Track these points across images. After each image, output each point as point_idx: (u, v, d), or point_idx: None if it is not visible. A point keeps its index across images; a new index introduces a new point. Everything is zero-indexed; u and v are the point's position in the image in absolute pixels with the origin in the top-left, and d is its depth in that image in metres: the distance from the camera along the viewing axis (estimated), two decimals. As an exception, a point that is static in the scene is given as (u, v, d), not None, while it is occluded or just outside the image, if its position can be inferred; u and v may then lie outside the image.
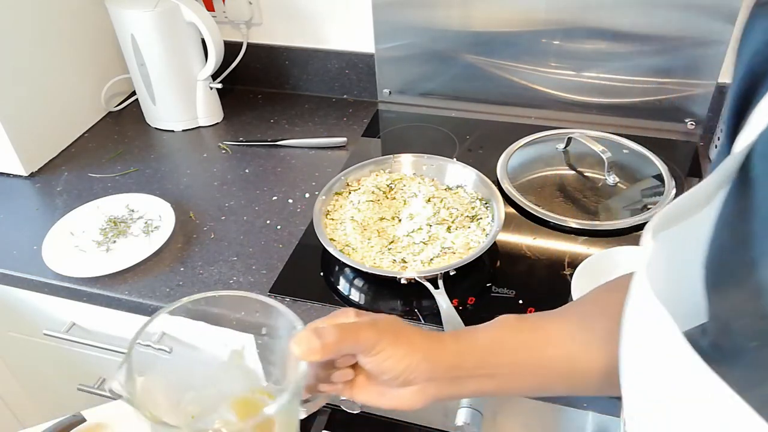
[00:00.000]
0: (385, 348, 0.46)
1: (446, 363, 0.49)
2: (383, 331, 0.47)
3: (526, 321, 0.54)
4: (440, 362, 0.49)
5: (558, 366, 0.51)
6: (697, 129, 1.13)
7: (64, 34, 1.16)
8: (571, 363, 0.51)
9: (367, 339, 0.46)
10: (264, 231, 0.97)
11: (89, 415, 0.79)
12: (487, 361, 0.50)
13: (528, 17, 1.10)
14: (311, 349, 0.44)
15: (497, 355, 0.51)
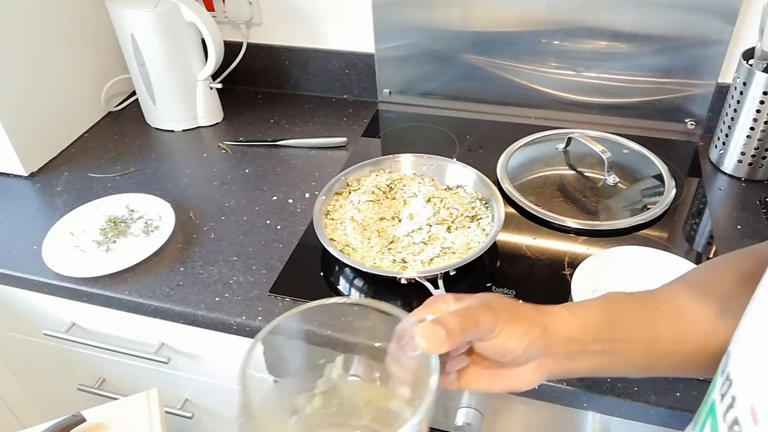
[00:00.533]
0: (504, 329, 0.45)
1: (565, 336, 0.47)
2: (499, 311, 0.45)
3: (636, 297, 0.52)
4: (559, 335, 0.47)
5: (669, 343, 0.50)
6: (697, 129, 1.13)
7: (64, 34, 1.16)
8: (682, 340, 0.50)
9: (486, 323, 0.44)
10: (264, 231, 0.97)
11: (89, 415, 0.79)
12: (603, 335, 0.49)
13: (528, 17, 1.10)
14: (439, 340, 0.41)
15: (613, 330, 0.49)
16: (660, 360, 0.52)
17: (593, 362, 0.49)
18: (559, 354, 0.48)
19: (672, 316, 0.51)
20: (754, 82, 0.94)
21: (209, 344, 0.93)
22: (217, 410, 1.07)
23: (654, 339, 0.50)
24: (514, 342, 0.45)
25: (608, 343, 0.49)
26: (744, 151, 1.00)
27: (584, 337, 0.48)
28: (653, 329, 0.50)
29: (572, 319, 0.48)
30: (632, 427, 0.75)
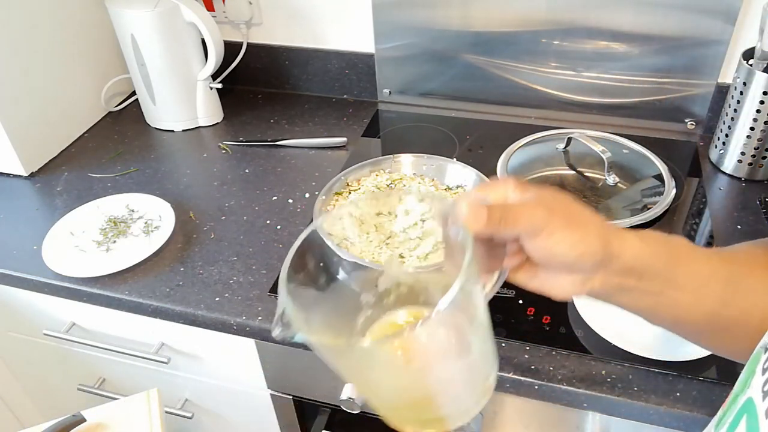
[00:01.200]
0: (555, 232, 0.40)
1: (625, 264, 0.43)
2: (553, 213, 0.41)
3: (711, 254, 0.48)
4: (622, 260, 0.43)
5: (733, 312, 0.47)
6: (697, 129, 1.13)
7: (64, 34, 1.16)
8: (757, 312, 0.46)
9: (534, 220, 0.40)
10: (264, 231, 0.97)
11: (89, 415, 0.79)
12: (662, 274, 0.44)
13: (528, 17, 1.10)
14: (477, 216, 0.39)
15: (674, 273, 0.45)
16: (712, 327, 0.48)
17: (641, 302, 0.46)
18: (612, 280, 0.44)
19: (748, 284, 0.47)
20: (754, 82, 0.94)
21: (209, 344, 0.93)
22: (217, 410, 1.07)
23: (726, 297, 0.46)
24: (564, 248, 0.41)
25: (669, 287, 0.45)
26: (744, 151, 1.00)
27: (647, 270, 0.44)
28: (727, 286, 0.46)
29: (637, 248, 0.44)
30: (632, 427, 0.75)
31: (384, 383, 0.43)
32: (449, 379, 0.42)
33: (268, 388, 0.96)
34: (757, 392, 0.39)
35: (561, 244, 0.41)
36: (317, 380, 0.91)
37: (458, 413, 0.45)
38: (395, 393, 0.43)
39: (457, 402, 0.44)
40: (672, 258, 0.45)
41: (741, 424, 0.39)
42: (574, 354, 0.75)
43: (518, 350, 0.76)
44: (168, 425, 0.92)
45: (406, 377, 0.41)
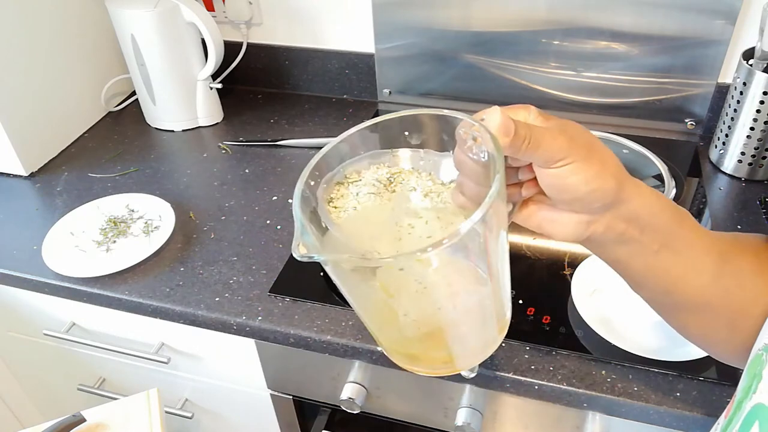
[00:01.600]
0: (572, 161, 0.39)
1: (633, 211, 0.42)
2: (575, 143, 0.39)
3: (707, 231, 0.48)
4: (630, 206, 0.42)
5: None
6: (697, 129, 1.13)
7: (64, 34, 1.16)
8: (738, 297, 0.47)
9: (556, 147, 0.39)
10: (264, 231, 0.97)
11: (89, 415, 0.79)
12: (663, 234, 0.44)
13: (528, 17, 1.10)
14: (506, 129, 0.37)
15: (674, 236, 0.44)
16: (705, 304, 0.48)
17: (637, 259, 0.45)
18: (616, 226, 0.43)
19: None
20: (754, 82, 0.94)
21: (209, 344, 0.93)
22: (217, 410, 1.07)
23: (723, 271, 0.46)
24: (578, 179, 0.39)
25: (669, 239, 0.44)
26: (744, 151, 1.00)
27: (650, 224, 0.43)
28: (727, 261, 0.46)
29: (648, 198, 0.43)
30: (632, 427, 0.75)
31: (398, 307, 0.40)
32: (464, 309, 0.40)
33: (268, 388, 0.96)
34: (766, 397, 0.38)
35: (577, 175, 0.39)
36: (317, 380, 0.91)
37: (467, 353, 0.43)
38: (407, 320, 0.41)
39: (468, 339, 0.42)
40: (675, 220, 0.45)
41: (753, 431, 0.39)
42: (574, 354, 0.75)
43: (518, 350, 0.76)
44: (168, 425, 0.92)
45: (422, 301, 0.39)
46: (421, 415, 0.89)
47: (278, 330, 0.81)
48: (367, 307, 0.42)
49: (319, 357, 0.84)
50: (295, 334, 0.81)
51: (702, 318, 0.49)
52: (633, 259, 0.45)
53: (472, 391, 0.82)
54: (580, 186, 0.40)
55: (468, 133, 0.39)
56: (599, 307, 0.79)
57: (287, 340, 0.82)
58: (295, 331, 0.81)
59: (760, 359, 0.40)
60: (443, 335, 0.41)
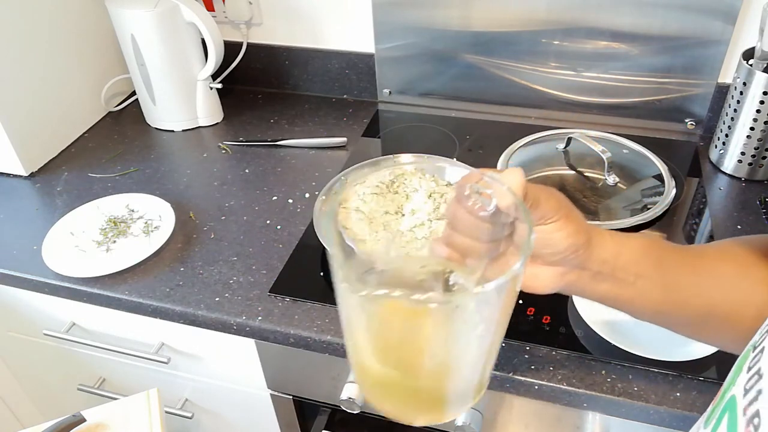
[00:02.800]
0: (558, 220, 0.45)
1: (601, 257, 0.48)
2: (560, 203, 0.46)
3: (685, 253, 0.53)
4: (596, 254, 0.48)
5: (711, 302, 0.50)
6: (697, 129, 1.13)
7: (64, 34, 1.16)
8: (727, 303, 0.50)
9: (550, 207, 0.45)
10: (264, 231, 0.97)
11: (89, 415, 0.79)
12: (633, 266, 0.49)
13: (528, 17, 1.10)
14: (523, 187, 0.42)
15: (644, 264, 0.50)
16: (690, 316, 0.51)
17: (616, 289, 0.50)
18: (588, 270, 0.48)
19: (720, 277, 0.50)
20: (754, 82, 0.94)
21: (209, 344, 0.93)
22: (217, 410, 1.07)
23: (694, 290, 0.50)
24: (560, 236, 0.45)
25: (636, 276, 0.49)
26: (744, 151, 1.00)
27: (618, 262, 0.48)
28: (697, 279, 0.50)
29: (611, 243, 0.49)
30: (632, 427, 0.75)
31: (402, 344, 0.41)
32: (466, 355, 0.42)
33: (268, 388, 0.96)
34: (739, 389, 0.39)
35: (560, 231, 0.45)
36: (317, 380, 0.91)
37: (457, 398, 0.44)
38: (408, 356, 0.41)
39: (461, 384, 0.43)
40: (640, 252, 0.50)
41: (723, 422, 0.40)
42: (574, 354, 0.75)
43: (518, 350, 0.76)
44: (168, 425, 0.92)
45: (433, 343, 0.40)
46: (421, 415, 0.89)
47: (278, 330, 0.81)
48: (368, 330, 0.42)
49: (319, 357, 0.84)
50: (295, 334, 0.81)
51: (702, 328, 0.52)
52: (616, 293, 0.50)
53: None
54: (562, 240, 0.46)
55: (474, 187, 0.41)
56: (599, 307, 0.79)
57: (287, 340, 0.82)
58: (295, 331, 0.81)
59: (748, 354, 0.42)
60: (435, 375, 0.42)
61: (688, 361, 0.71)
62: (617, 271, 0.49)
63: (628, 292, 0.50)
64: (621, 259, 0.49)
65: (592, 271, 0.48)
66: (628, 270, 0.49)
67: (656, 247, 0.51)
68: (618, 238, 0.50)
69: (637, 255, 0.50)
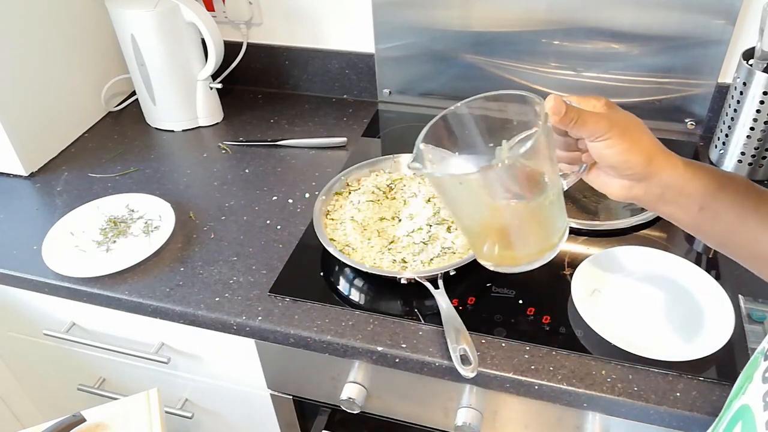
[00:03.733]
0: (609, 138, 0.51)
1: (665, 181, 0.52)
2: (615, 124, 0.51)
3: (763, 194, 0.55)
4: (661, 176, 0.52)
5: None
6: (697, 129, 1.13)
7: (64, 34, 1.16)
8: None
9: (597, 127, 0.51)
10: (264, 231, 0.97)
11: (89, 415, 0.79)
12: (700, 198, 0.53)
13: (528, 17, 1.10)
14: (558, 107, 0.51)
15: (714, 199, 0.53)
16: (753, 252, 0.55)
17: (683, 217, 0.54)
18: (652, 191, 0.53)
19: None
20: (754, 82, 0.94)
21: (209, 344, 0.93)
22: (217, 410, 1.07)
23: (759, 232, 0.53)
24: (611, 153, 0.51)
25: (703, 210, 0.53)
26: (744, 151, 1.00)
27: (682, 189, 0.53)
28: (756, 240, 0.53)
29: (682, 170, 0.52)
30: (632, 427, 0.75)
31: (473, 213, 0.57)
32: (522, 216, 0.55)
33: (268, 388, 0.96)
34: (755, 400, 0.39)
35: (610, 149, 0.51)
36: (317, 380, 0.91)
37: (525, 255, 0.58)
38: (479, 223, 0.57)
39: (526, 243, 0.58)
40: (713, 186, 0.53)
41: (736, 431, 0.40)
42: (574, 354, 0.75)
43: (518, 350, 0.76)
44: (168, 425, 0.92)
45: (487, 209, 0.55)
46: (421, 415, 0.89)
47: (278, 330, 0.81)
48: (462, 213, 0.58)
49: (319, 357, 0.84)
50: (295, 334, 0.81)
51: (764, 267, 0.55)
52: (680, 216, 0.55)
53: (472, 391, 0.82)
54: (613, 156, 0.52)
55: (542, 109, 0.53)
56: (599, 307, 0.79)
57: (287, 340, 0.82)
58: (295, 331, 0.81)
59: (757, 362, 0.41)
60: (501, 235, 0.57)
61: (688, 361, 0.71)
62: (682, 197, 0.53)
63: (691, 219, 0.54)
64: (688, 188, 0.52)
65: (656, 191, 0.53)
66: (694, 199, 0.53)
67: (734, 186, 0.54)
68: (693, 167, 0.53)
69: (710, 188, 0.53)
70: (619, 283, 0.83)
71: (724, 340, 0.72)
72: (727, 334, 0.73)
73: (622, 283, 0.83)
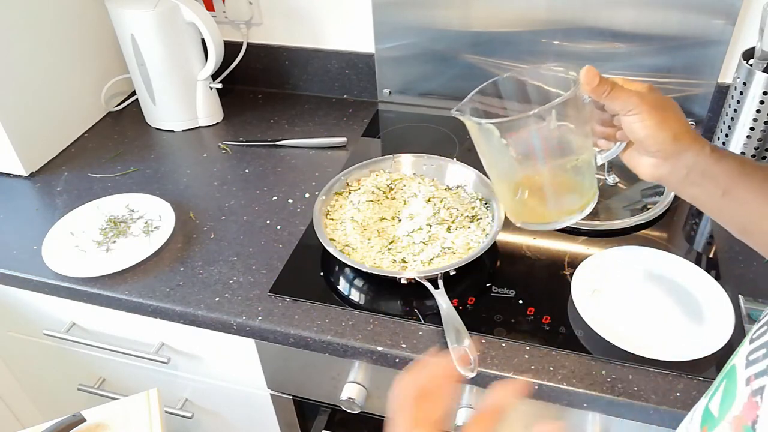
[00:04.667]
0: (638, 113, 0.53)
1: (690, 161, 0.54)
2: (644, 99, 0.53)
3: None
4: (688, 156, 0.53)
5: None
6: (697, 129, 1.13)
7: (64, 35, 1.16)
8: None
9: (628, 101, 0.53)
10: (264, 231, 0.97)
11: (89, 415, 0.79)
12: (725, 181, 0.54)
13: (528, 17, 1.10)
14: (591, 76, 0.53)
15: (738, 183, 0.54)
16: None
17: (707, 200, 0.56)
18: (678, 171, 0.54)
19: None
20: (754, 82, 0.94)
21: (209, 344, 0.94)
22: (217, 410, 1.07)
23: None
24: (639, 126, 0.53)
25: (726, 194, 0.54)
26: (744, 151, 1.00)
27: (707, 170, 0.54)
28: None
29: (708, 151, 0.54)
30: (632, 427, 0.75)
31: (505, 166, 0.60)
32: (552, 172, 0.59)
33: (268, 388, 0.96)
34: (741, 359, 0.40)
35: (639, 123, 0.53)
36: (317, 380, 0.91)
37: (556, 213, 0.61)
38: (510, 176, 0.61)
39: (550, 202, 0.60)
40: (736, 171, 0.54)
41: (720, 389, 0.41)
42: (574, 354, 0.75)
43: (518, 350, 0.76)
44: (168, 425, 0.92)
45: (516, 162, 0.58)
46: (421, 415, 0.89)
47: (278, 330, 0.81)
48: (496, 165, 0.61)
49: (319, 357, 0.84)
50: (295, 334, 0.81)
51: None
52: (704, 199, 0.56)
53: (472, 391, 0.82)
54: (640, 131, 0.54)
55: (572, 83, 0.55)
56: (599, 307, 0.79)
57: (287, 340, 0.82)
58: (295, 331, 0.81)
59: (752, 327, 0.43)
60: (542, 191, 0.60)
61: (688, 361, 0.71)
62: (706, 180, 0.54)
63: (714, 204, 0.56)
64: (713, 170, 0.54)
65: (682, 171, 0.54)
66: (718, 183, 0.54)
67: (761, 174, 0.54)
68: (720, 152, 0.54)
69: (734, 173, 0.54)
70: (619, 283, 0.83)
71: (724, 340, 0.72)
72: (727, 334, 0.73)
73: (622, 283, 0.83)
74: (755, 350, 0.40)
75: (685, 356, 0.71)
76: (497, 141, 0.57)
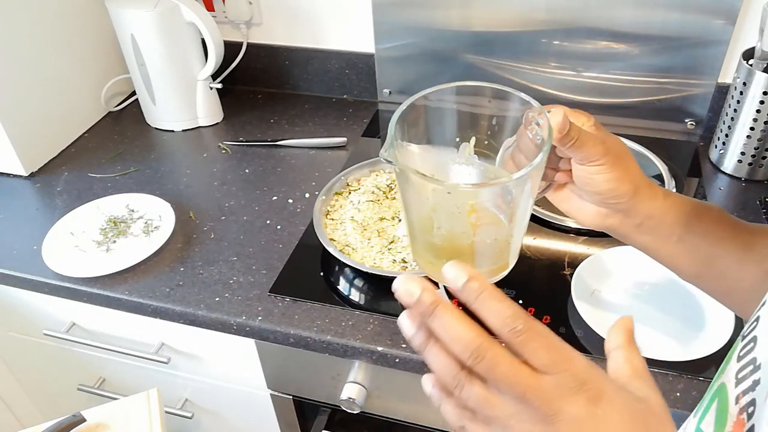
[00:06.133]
0: (602, 164, 0.49)
1: (647, 210, 0.51)
2: (609, 150, 0.50)
3: (737, 224, 0.54)
4: (644, 206, 0.51)
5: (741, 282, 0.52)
6: (697, 129, 1.13)
7: (64, 34, 1.16)
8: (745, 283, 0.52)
9: (595, 150, 0.49)
10: (264, 231, 0.97)
11: (89, 415, 0.79)
12: (679, 228, 0.52)
13: (528, 17, 1.10)
14: (563, 126, 0.47)
15: (691, 229, 0.52)
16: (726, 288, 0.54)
17: (654, 243, 0.53)
18: (631, 220, 0.52)
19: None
20: (754, 82, 0.94)
21: (209, 344, 0.93)
22: (217, 410, 1.07)
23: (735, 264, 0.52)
24: (601, 179, 0.50)
25: (680, 236, 0.52)
26: (744, 151, 1.00)
27: (662, 219, 0.52)
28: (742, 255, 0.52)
29: (662, 200, 0.52)
30: (632, 427, 0.74)
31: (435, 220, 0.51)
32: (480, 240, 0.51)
33: (268, 388, 0.96)
34: (730, 378, 0.40)
35: (602, 174, 0.50)
36: (317, 380, 0.91)
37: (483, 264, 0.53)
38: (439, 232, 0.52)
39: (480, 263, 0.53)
40: (692, 216, 0.52)
41: (711, 409, 0.41)
42: (574, 354, 0.75)
43: (518, 350, 0.76)
44: (168, 425, 0.92)
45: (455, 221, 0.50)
46: (421, 415, 0.89)
47: (278, 330, 0.81)
48: (414, 213, 0.53)
49: (319, 357, 0.84)
50: (295, 334, 0.81)
51: (746, 307, 0.53)
52: (654, 246, 0.54)
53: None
54: (602, 183, 0.50)
55: (535, 117, 0.48)
56: (599, 307, 0.79)
57: (287, 340, 0.82)
58: (295, 331, 0.81)
59: (737, 344, 0.43)
60: (461, 253, 0.52)
61: (688, 361, 0.71)
62: (661, 227, 0.52)
63: (668, 249, 0.53)
64: (668, 218, 0.52)
65: (635, 221, 0.52)
66: (673, 230, 0.52)
67: (710, 216, 0.53)
68: (672, 198, 0.52)
69: (687, 218, 0.52)
70: (619, 283, 0.83)
71: (724, 340, 0.72)
72: (727, 334, 0.73)
73: (622, 283, 0.83)
74: (743, 368, 0.40)
75: (685, 356, 0.71)
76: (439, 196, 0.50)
